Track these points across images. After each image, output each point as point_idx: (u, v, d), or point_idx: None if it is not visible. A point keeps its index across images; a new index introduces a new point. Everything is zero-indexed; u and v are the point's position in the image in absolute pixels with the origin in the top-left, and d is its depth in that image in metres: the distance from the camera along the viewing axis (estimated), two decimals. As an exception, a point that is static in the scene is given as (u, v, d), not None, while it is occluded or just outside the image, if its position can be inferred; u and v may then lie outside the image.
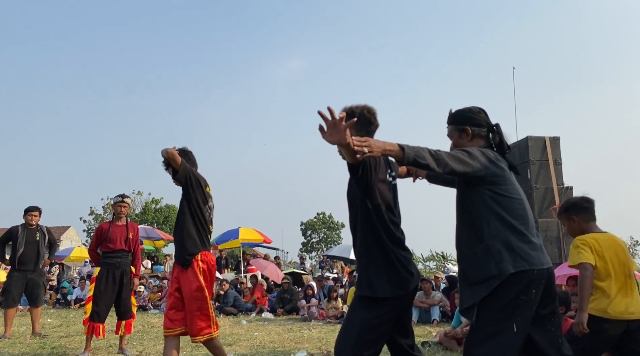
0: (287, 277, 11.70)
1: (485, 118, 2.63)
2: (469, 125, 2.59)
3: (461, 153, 2.31)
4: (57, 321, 9.24)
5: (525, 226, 2.36)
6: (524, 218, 2.38)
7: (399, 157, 2.14)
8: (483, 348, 2.25)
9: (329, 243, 51.02)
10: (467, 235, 2.44)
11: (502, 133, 2.57)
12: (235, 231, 15.50)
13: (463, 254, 2.46)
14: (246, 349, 5.80)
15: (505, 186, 2.40)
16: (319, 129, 2.16)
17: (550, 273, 2.37)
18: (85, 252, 18.14)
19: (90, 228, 42.81)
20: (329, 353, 5.37)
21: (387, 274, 2.51)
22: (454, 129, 2.65)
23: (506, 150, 2.55)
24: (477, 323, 2.32)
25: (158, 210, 43.39)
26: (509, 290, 2.26)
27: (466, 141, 2.60)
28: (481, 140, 2.58)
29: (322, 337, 6.82)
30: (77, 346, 6.03)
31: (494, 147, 2.56)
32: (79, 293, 13.56)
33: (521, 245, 2.30)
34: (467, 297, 2.39)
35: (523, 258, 2.28)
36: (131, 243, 5.75)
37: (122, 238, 5.67)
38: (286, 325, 8.57)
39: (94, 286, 5.50)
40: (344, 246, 15.74)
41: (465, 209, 2.46)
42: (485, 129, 2.60)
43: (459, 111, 2.67)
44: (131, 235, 5.74)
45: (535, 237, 2.39)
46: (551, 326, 2.40)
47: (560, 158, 8.43)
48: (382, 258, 2.53)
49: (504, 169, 2.43)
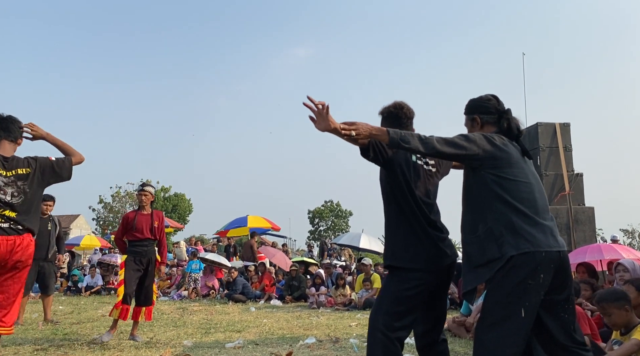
0: (295, 265, 11.73)
1: (496, 105, 2.64)
2: (477, 114, 2.64)
3: (457, 138, 2.39)
4: (69, 308, 9.35)
5: (532, 209, 2.35)
6: (531, 200, 2.37)
7: (385, 140, 2.37)
8: (492, 334, 2.25)
9: (336, 231, 51.04)
10: (471, 219, 2.46)
11: (510, 119, 2.57)
12: (243, 219, 15.56)
13: (467, 238, 2.47)
14: (255, 336, 5.84)
15: (510, 169, 2.39)
16: (310, 119, 2.45)
17: (562, 257, 2.34)
18: (95, 240, 18.34)
19: (99, 216, 43.11)
20: (337, 340, 5.40)
21: (413, 247, 2.61)
22: (467, 119, 2.71)
23: (517, 134, 2.55)
24: (485, 307, 2.34)
25: (167, 198, 43.58)
26: (515, 273, 2.25)
27: (477, 129, 2.63)
28: (492, 127, 2.60)
29: (331, 324, 6.85)
30: (88, 332, 6.10)
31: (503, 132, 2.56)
32: (89, 280, 13.74)
33: (525, 227, 2.29)
34: (470, 280, 2.41)
35: (527, 240, 2.27)
36: (157, 231, 5.81)
37: (147, 227, 5.74)
38: (294, 312, 8.62)
39: (124, 271, 5.62)
40: (352, 234, 15.73)
41: (470, 193, 2.49)
42: (496, 116, 2.61)
43: (471, 100, 2.71)
44: (156, 223, 5.80)
45: (545, 220, 2.36)
46: (565, 313, 2.39)
47: (570, 145, 8.34)
48: (407, 232, 2.63)
49: (510, 153, 2.42)
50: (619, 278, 4.50)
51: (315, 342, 5.25)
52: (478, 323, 2.36)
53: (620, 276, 4.50)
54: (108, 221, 41.95)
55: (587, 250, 6.51)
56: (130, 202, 43.94)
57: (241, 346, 5.04)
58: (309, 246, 21.97)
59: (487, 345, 2.26)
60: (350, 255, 16.61)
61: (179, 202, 43.62)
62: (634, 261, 4.73)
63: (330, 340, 5.43)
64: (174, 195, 44.13)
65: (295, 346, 5.02)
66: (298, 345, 5.12)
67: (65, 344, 5.25)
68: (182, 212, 43.26)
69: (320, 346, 5.07)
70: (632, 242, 41.75)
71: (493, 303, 2.30)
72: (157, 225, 5.81)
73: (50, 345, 5.21)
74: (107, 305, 10.10)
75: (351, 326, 6.65)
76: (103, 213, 43.21)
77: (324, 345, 5.14)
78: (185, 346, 5.13)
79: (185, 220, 42.91)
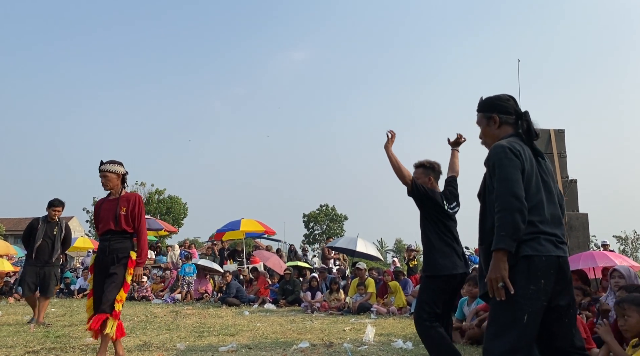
0: (289, 268, 11.71)
1: (514, 105, 2.63)
2: (496, 113, 2.61)
3: (511, 191, 2.30)
4: (61, 310, 9.29)
5: (536, 216, 2.35)
6: (535, 208, 2.36)
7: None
8: (498, 341, 2.27)
9: (331, 235, 50.98)
10: (482, 228, 2.50)
11: (530, 121, 2.57)
12: (237, 222, 15.51)
13: (480, 246, 2.50)
14: (249, 339, 5.82)
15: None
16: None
17: (561, 263, 2.36)
18: (88, 242, 18.22)
19: (92, 218, 42.94)
20: (331, 344, 5.38)
21: (442, 258, 3.62)
22: (482, 117, 2.67)
23: (534, 137, 2.56)
24: (490, 315, 2.38)
25: (161, 201, 43.43)
26: (518, 279, 2.27)
27: (494, 128, 2.61)
28: (509, 128, 2.59)
29: (325, 328, 6.83)
30: (80, 335, 6.06)
31: (522, 135, 2.56)
32: (82, 283, 13.69)
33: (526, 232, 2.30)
34: (483, 285, 2.43)
35: (527, 245, 2.30)
36: (123, 220, 4.53)
37: (110, 216, 4.55)
38: (288, 316, 8.59)
39: (92, 277, 4.69)
40: (347, 238, 15.69)
41: (484, 202, 2.51)
42: (514, 117, 2.60)
43: (488, 98, 2.68)
44: (123, 210, 4.55)
45: (548, 226, 2.37)
46: (567, 318, 2.41)
47: (565, 151, 8.37)
48: (438, 246, 3.67)
49: (524, 166, 2.39)
50: (614, 284, 4.52)
51: (309, 346, 5.23)
52: (486, 330, 2.39)
53: (616, 282, 4.51)
54: (102, 223, 41.74)
55: (580, 257, 6.53)
56: (124, 204, 43.73)
57: (235, 350, 5.01)
58: (304, 250, 21.90)
59: (493, 352, 2.27)
60: (345, 260, 16.58)
61: (173, 204, 43.46)
62: (629, 267, 4.75)
63: (324, 344, 5.42)
64: (168, 198, 43.98)
65: (289, 351, 5.00)
66: (292, 349, 5.10)
67: (57, 347, 5.21)
68: (176, 214, 43.10)
69: (314, 350, 5.05)
70: (625, 249, 41.97)
71: (498, 311, 2.33)
72: (125, 212, 4.54)
73: (42, 347, 5.17)
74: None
75: (345, 330, 6.63)
76: (97, 215, 43.02)
77: (317, 349, 5.12)
78: (179, 349, 5.11)
79: (180, 223, 42.75)
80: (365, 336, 5.67)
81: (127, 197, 4.66)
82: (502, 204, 2.28)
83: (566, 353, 2.39)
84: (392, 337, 5.90)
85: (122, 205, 4.57)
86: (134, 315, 8.61)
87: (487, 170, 2.49)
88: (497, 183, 2.34)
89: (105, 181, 4.63)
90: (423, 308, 3.56)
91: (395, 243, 54.91)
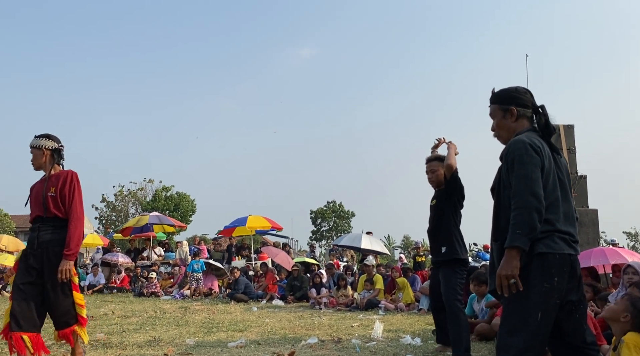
0: (297, 265, 11.73)
1: (531, 99, 2.56)
2: (514, 105, 2.52)
3: (531, 188, 2.27)
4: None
5: (552, 214, 2.32)
6: (551, 206, 2.33)
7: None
8: (512, 339, 2.26)
9: (338, 232, 50.97)
10: (496, 224, 2.46)
11: (547, 115, 2.50)
12: (244, 219, 15.56)
13: (494, 242, 2.46)
14: (257, 335, 5.84)
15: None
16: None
17: (573, 261, 2.35)
18: (97, 239, 18.34)
19: (102, 215, 43.23)
20: (339, 340, 5.39)
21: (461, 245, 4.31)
22: (497, 109, 2.58)
23: (552, 132, 2.50)
24: (505, 312, 2.36)
25: (168, 197, 43.62)
26: (532, 276, 2.26)
27: (510, 121, 2.53)
28: (525, 122, 2.52)
29: (333, 324, 6.84)
30: (90, 331, 6.09)
31: (538, 129, 2.50)
32: (91, 279, 13.84)
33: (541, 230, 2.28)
34: (493, 280, 2.40)
35: (542, 243, 2.28)
36: (51, 203, 3.63)
37: (39, 200, 3.71)
38: (297, 312, 8.61)
39: (13, 278, 3.71)
40: (353, 235, 15.71)
41: (498, 197, 2.46)
42: (531, 110, 2.53)
43: (504, 90, 2.59)
44: (52, 190, 3.67)
45: (563, 224, 2.34)
46: (577, 313, 2.40)
47: (574, 147, 8.31)
48: (459, 234, 4.34)
49: (544, 163, 2.36)
50: (627, 280, 4.48)
51: (317, 342, 5.24)
52: (500, 328, 2.38)
53: (629, 278, 4.47)
54: (111, 220, 42.06)
55: (591, 253, 6.48)
56: (132, 201, 44.01)
57: (243, 346, 5.03)
58: (311, 246, 21.94)
59: (507, 350, 2.26)
60: (353, 256, 16.59)
61: (181, 201, 43.62)
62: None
63: (333, 340, 5.42)
64: (176, 195, 44.16)
65: (298, 346, 5.01)
66: (300, 345, 5.11)
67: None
68: (184, 211, 43.28)
69: (323, 346, 5.06)
70: (635, 245, 41.62)
71: (511, 309, 2.31)
72: (54, 192, 3.66)
73: (53, 342, 5.21)
74: (109, 304, 10.12)
75: (353, 326, 6.64)
76: (106, 212, 43.33)
77: (326, 345, 5.13)
78: (188, 345, 5.13)
79: (188, 220, 42.93)
80: (373, 333, 5.68)
81: (57, 175, 3.78)
82: (520, 202, 2.24)
83: (577, 349, 2.38)
84: (401, 333, 5.90)
85: (50, 185, 3.71)
86: (144, 311, 8.67)
87: (503, 164, 2.43)
88: (516, 180, 2.29)
89: (32, 159, 3.85)
90: (457, 291, 4.18)
91: (402, 240, 54.79)
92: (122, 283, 14.06)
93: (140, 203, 43.33)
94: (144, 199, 43.88)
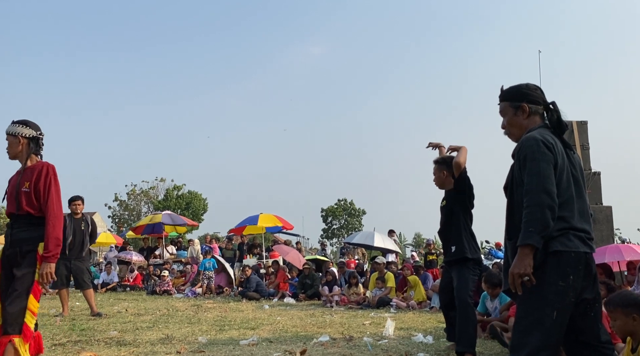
0: (308, 263, 11.75)
1: (542, 95, 2.54)
2: (526, 102, 2.50)
3: (543, 184, 2.25)
4: (85, 304, 9.43)
5: (567, 212, 2.30)
6: (565, 203, 2.31)
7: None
8: (527, 338, 2.24)
9: (349, 230, 50.99)
10: (510, 222, 2.44)
11: (559, 112, 2.48)
12: (255, 217, 15.59)
13: (508, 241, 2.45)
14: (269, 333, 5.86)
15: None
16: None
17: (588, 259, 2.33)
18: (110, 237, 18.54)
19: (115, 214, 43.65)
20: (351, 338, 5.39)
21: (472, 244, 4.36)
22: (508, 106, 2.55)
23: (565, 129, 2.48)
24: (519, 311, 2.34)
25: (180, 196, 43.90)
26: (547, 275, 2.24)
27: (522, 118, 2.51)
28: (537, 118, 2.50)
29: (344, 322, 6.84)
30: (104, 328, 6.17)
31: (550, 126, 2.48)
32: (105, 277, 14.01)
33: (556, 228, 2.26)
34: (507, 279, 2.39)
35: (557, 241, 2.26)
36: (24, 200, 3.35)
37: (12, 195, 3.44)
38: (308, 310, 8.63)
39: None
40: (365, 233, 15.66)
41: (511, 195, 2.45)
42: (542, 107, 2.51)
43: (514, 87, 2.57)
44: (25, 185, 3.38)
45: (578, 222, 2.32)
46: (592, 312, 2.38)
47: (587, 143, 8.24)
48: (471, 233, 4.42)
49: (557, 160, 2.33)
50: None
51: (329, 340, 5.24)
52: (514, 326, 2.36)
53: None
54: (123, 218, 42.46)
55: (606, 250, 6.42)
56: (145, 200, 44.36)
57: (255, 344, 5.06)
58: (322, 244, 21.93)
59: (522, 348, 2.24)
60: (364, 254, 16.56)
61: (192, 199, 43.87)
62: (660, 261, 4.65)
63: (344, 338, 5.43)
64: (187, 193, 44.42)
65: (309, 344, 5.02)
66: (312, 342, 5.12)
67: (83, 340, 5.32)
68: (196, 210, 43.54)
69: (334, 344, 5.07)
70: (650, 242, 41.04)
71: (526, 307, 2.29)
72: (28, 187, 3.37)
73: (68, 340, 5.28)
74: (122, 302, 10.22)
75: (365, 324, 6.64)
76: (119, 211, 43.74)
77: (337, 343, 5.14)
78: (200, 342, 5.17)
79: (200, 218, 43.18)
80: (385, 331, 5.67)
81: (32, 167, 3.46)
82: (532, 200, 2.23)
83: (592, 347, 2.36)
84: (412, 331, 5.89)
85: (24, 180, 3.40)
86: (156, 308, 8.74)
87: (516, 162, 2.41)
88: (528, 178, 2.27)
89: (7, 147, 3.52)
90: (470, 287, 4.28)
91: (414, 237, 54.61)
92: (135, 281, 14.19)
93: (152, 202, 43.66)
94: (155, 198, 44.20)
